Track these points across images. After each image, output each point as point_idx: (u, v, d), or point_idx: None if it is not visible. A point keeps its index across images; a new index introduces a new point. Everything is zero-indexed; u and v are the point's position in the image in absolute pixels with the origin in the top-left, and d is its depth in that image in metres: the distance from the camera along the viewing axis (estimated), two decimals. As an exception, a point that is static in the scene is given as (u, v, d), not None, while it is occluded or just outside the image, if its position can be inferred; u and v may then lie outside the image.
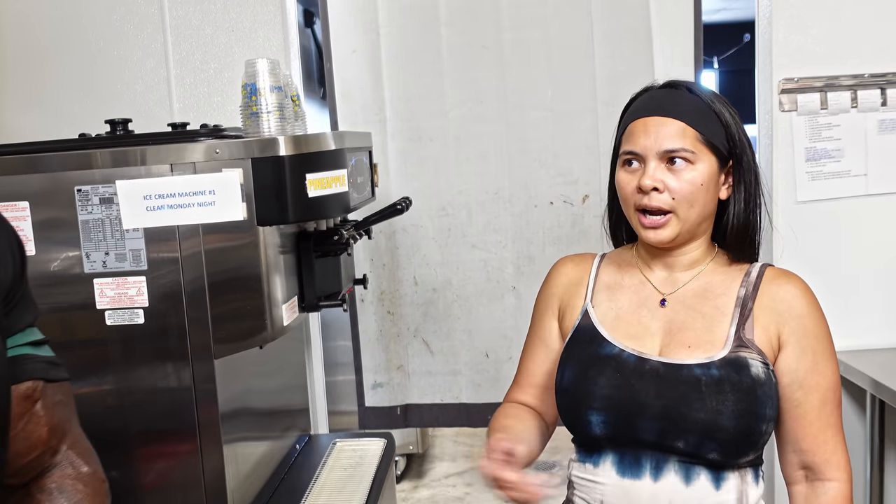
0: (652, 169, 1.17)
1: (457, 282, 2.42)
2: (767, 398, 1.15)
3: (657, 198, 1.17)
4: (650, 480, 1.17)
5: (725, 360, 1.16)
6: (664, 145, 1.17)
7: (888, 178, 2.16)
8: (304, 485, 1.84)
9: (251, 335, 1.51)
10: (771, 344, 1.18)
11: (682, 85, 1.24)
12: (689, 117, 1.18)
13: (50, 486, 0.91)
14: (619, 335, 1.23)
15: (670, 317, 1.22)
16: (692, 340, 1.19)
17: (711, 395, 1.13)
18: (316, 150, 1.52)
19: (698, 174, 1.18)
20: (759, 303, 1.19)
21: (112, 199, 1.46)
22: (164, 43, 2.15)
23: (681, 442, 1.15)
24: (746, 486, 1.18)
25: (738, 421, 1.12)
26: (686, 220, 1.19)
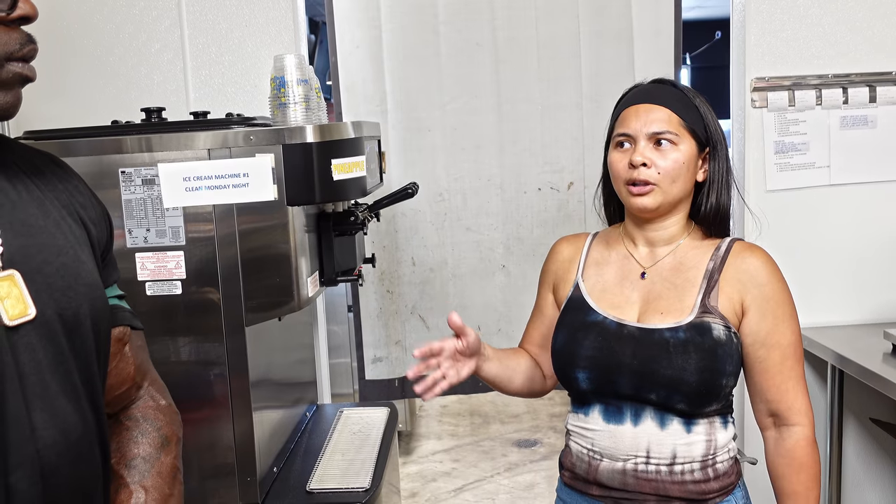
0: (641, 147, 1.35)
1: (452, 262, 2.58)
2: (727, 356, 1.32)
3: (645, 172, 1.34)
4: (631, 426, 1.35)
5: (691, 324, 1.32)
6: (652, 128, 1.35)
7: (849, 170, 2.35)
8: (317, 447, 2.00)
9: (280, 305, 1.66)
10: (734, 310, 1.34)
11: (668, 81, 1.43)
12: (674, 105, 1.37)
13: (136, 415, 1.06)
14: (604, 305, 1.41)
15: (648, 288, 1.40)
16: (665, 308, 1.36)
17: (678, 355, 1.30)
18: (339, 137, 1.67)
19: (681, 154, 1.35)
20: (724, 274, 1.36)
21: (154, 180, 1.60)
22: (181, 36, 2.28)
23: (653, 394, 1.33)
24: (715, 431, 1.36)
25: (700, 376, 1.30)
26: (668, 194, 1.36)
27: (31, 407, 0.84)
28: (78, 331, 0.91)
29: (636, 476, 1.35)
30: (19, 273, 0.85)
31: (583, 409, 1.42)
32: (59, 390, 0.87)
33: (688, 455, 1.34)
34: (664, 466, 1.34)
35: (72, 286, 0.90)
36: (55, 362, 0.87)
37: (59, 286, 0.89)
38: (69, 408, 0.88)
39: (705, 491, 1.35)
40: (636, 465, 1.35)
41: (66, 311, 0.89)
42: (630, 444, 1.35)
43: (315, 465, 1.88)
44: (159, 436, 1.05)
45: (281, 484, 1.80)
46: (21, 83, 0.86)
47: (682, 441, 1.34)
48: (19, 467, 0.82)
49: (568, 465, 1.47)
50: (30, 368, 0.84)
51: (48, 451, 0.85)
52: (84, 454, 0.90)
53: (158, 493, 1.00)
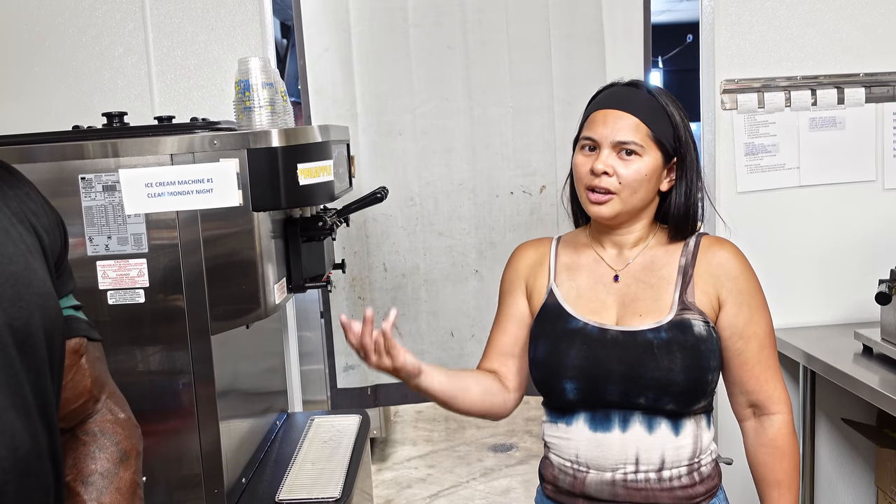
0: (605, 155, 1.32)
1: (424, 267, 2.56)
2: (710, 352, 1.31)
3: (606, 180, 1.32)
4: (619, 432, 1.32)
5: (672, 322, 1.31)
6: (618, 136, 1.32)
7: (818, 171, 2.36)
8: (287, 456, 1.97)
9: (246, 313, 1.63)
10: (711, 304, 1.34)
11: (643, 85, 1.39)
12: (644, 114, 1.33)
13: (93, 429, 1.03)
14: (582, 310, 1.38)
15: (623, 290, 1.38)
16: (643, 309, 1.34)
17: (663, 356, 1.29)
18: (305, 141, 1.64)
19: (644, 165, 1.32)
20: (697, 269, 1.35)
21: (115, 186, 1.56)
22: (145, 40, 2.24)
23: (642, 398, 1.31)
24: (701, 431, 1.35)
25: (687, 374, 1.29)
26: (627, 203, 1.34)
27: None
28: (29, 342, 0.87)
29: (626, 486, 1.32)
30: None
31: (564, 418, 1.38)
32: (7, 404, 0.84)
33: (676, 459, 1.33)
34: (653, 474, 1.32)
35: (22, 296, 0.87)
36: (5, 375, 0.83)
37: (8, 296, 0.85)
38: (18, 423, 0.85)
39: (692, 496, 1.34)
40: (625, 474, 1.33)
41: (16, 322, 0.85)
42: (618, 452, 1.33)
43: (285, 475, 1.84)
44: (118, 450, 1.02)
45: (250, 495, 1.77)
46: None
47: (670, 444, 1.32)
48: None
49: (549, 478, 1.43)
50: None
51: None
52: (33, 470, 0.87)
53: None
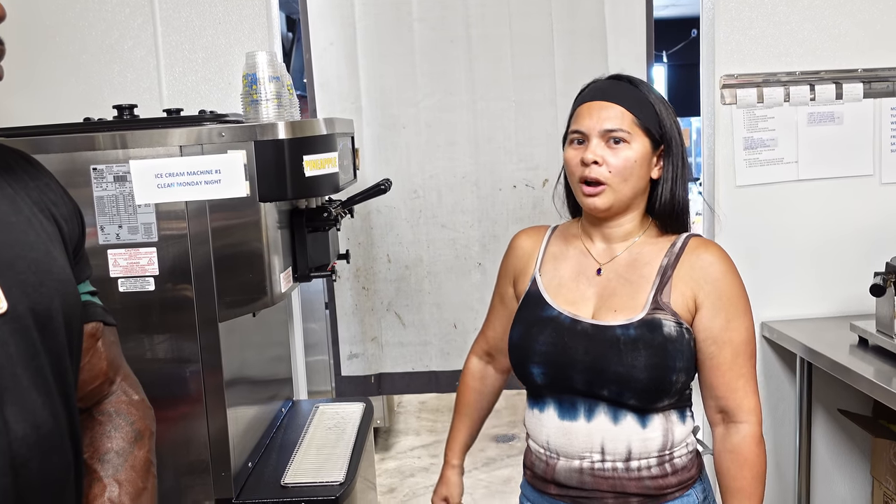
0: (594, 145, 1.34)
1: (427, 259, 2.60)
2: (678, 353, 1.32)
3: (596, 170, 1.34)
4: (584, 421, 1.35)
5: (642, 321, 1.33)
6: (605, 125, 1.34)
7: (816, 166, 2.39)
8: (293, 442, 2.01)
9: (253, 301, 1.67)
10: (687, 306, 1.35)
11: (625, 78, 1.41)
12: (628, 103, 1.36)
13: (109, 410, 1.07)
14: (560, 301, 1.41)
15: (604, 284, 1.40)
16: (618, 305, 1.36)
17: (627, 352, 1.31)
18: (310, 134, 1.68)
19: (633, 152, 1.35)
20: (678, 271, 1.36)
21: (126, 177, 1.61)
22: (153, 34, 2.28)
23: (605, 390, 1.33)
24: (672, 425, 1.37)
25: (649, 373, 1.30)
26: (619, 192, 1.36)
27: (2, 400, 0.84)
28: (50, 325, 0.91)
29: (593, 474, 1.35)
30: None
31: (538, 405, 1.43)
32: (30, 384, 0.88)
33: (643, 451, 1.35)
34: (620, 463, 1.35)
35: (43, 282, 0.91)
36: (27, 356, 0.88)
37: (30, 282, 0.89)
38: (40, 402, 0.89)
39: (663, 486, 1.36)
40: (592, 463, 1.35)
41: (37, 306, 0.89)
42: (584, 440, 1.36)
43: (290, 460, 1.89)
44: (132, 430, 1.06)
45: (256, 479, 1.81)
46: None
47: (636, 436, 1.34)
48: None
49: (528, 463, 1.48)
50: (1, 362, 0.85)
51: (19, 443, 0.86)
52: (55, 447, 0.91)
53: (132, 486, 1.01)
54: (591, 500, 1.37)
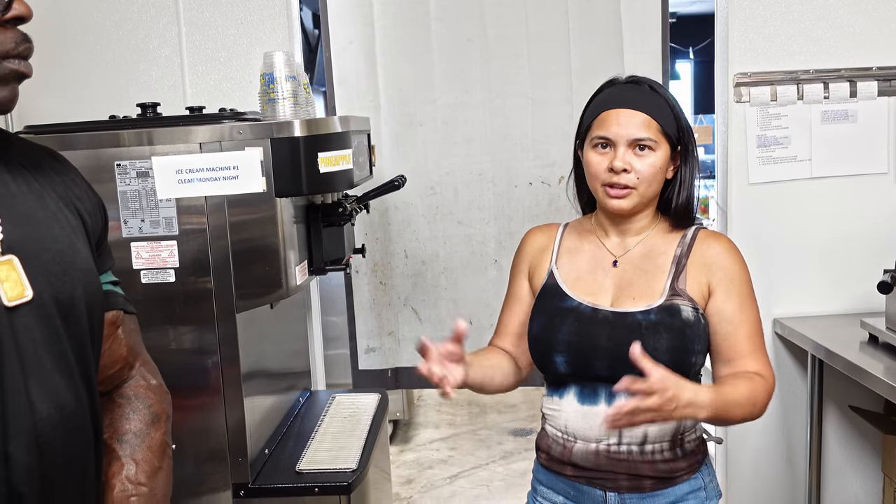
0: (622, 153, 1.40)
1: (444, 255, 2.64)
2: (696, 336, 1.39)
3: (625, 177, 1.40)
4: (605, 406, 1.40)
5: (661, 307, 1.39)
6: (633, 134, 1.40)
7: (829, 163, 2.40)
8: (309, 430, 2.07)
9: (269, 293, 1.73)
10: (702, 292, 1.41)
11: (644, 82, 1.46)
12: (653, 110, 1.41)
13: (128, 393, 1.14)
14: (579, 292, 1.46)
15: (620, 275, 1.46)
16: (637, 293, 1.42)
17: (649, 336, 1.37)
18: (325, 131, 1.73)
19: (657, 159, 1.41)
20: (691, 259, 1.43)
21: (148, 172, 1.67)
22: (178, 33, 2.35)
23: (628, 374, 1.38)
24: None
25: (671, 355, 1.36)
26: (643, 196, 1.42)
27: (28, 382, 0.91)
28: (72, 313, 0.97)
29: (608, 456, 1.41)
30: (18, 258, 0.92)
31: (558, 392, 1.48)
32: (54, 368, 0.94)
33: (658, 435, 1.40)
34: (635, 447, 1.41)
35: (67, 272, 0.97)
36: (51, 341, 0.94)
37: (54, 271, 0.96)
38: (63, 384, 0.95)
39: (674, 469, 1.42)
40: (608, 445, 1.41)
41: (61, 294, 0.96)
42: (603, 424, 1.41)
43: (305, 448, 1.95)
44: (150, 413, 1.12)
45: (272, 465, 1.87)
46: (17, 80, 0.93)
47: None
48: (16, 437, 0.89)
49: (544, 447, 1.53)
50: (27, 346, 0.91)
51: (43, 423, 0.92)
52: (77, 427, 0.97)
53: (148, 465, 1.07)
54: (606, 481, 1.42)
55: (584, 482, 1.45)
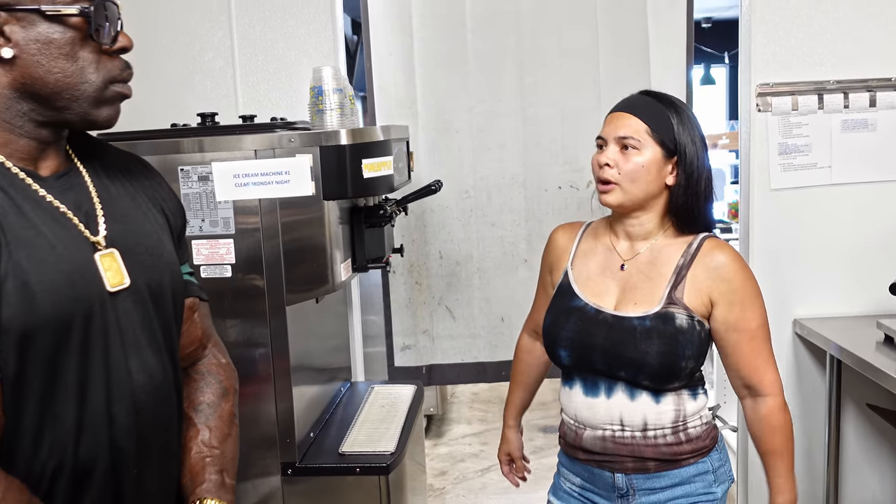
0: (609, 150, 1.52)
1: (477, 256, 2.78)
2: (688, 342, 1.49)
3: (608, 171, 1.52)
4: (605, 398, 1.54)
5: (657, 314, 1.50)
6: (618, 133, 1.51)
7: (849, 170, 2.48)
8: (350, 417, 2.22)
9: (316, 288, 1.88)
10: (702, 301, 1.51)
11: (652, 93, 1.57)
12: (644, 115, 1.51)
13: (202, 370, 1.29)
14: (588, 293, 1.59)
15: (626, 279, 1.57)
16: (638, 299, 1.54)
17: (642, 340, 1.49)
18: (369, 140, 1.88)
19: (642, 158, 1.50)
20: (692, 270, 1.52)
21: (208, 176, 1.83)
22: (231, 46, 2.51)
23: (622, 372, 1.52)
24: (683, 402, 1.54)
25: (660, 359, 1.48)
26: (628, 192, 1.51)
27: (127, 356, 1.07)
28: (161, 298, 1.14)
29: (614, 441, 1.54)
30: (118, 251, 1.08)
31: (567, 383, 1.63)
32: (146, 344, 1.10)
33: (658, 422, 1.53)
34: (638, 433, 1.53)
35: (157, 263, 1.14)
36: (144, 322, 1.10)
37: (147, 263, 1.12)
38: (154, 359, 1.11)
39: (677, 452, 1.54)
40: (613, 432, 1.54)
41: (152, 282, 1.12)
42: (605, 413, 1.54)
43: (347, 433, 2.10)
44: (220, 387, 1.28)
45: (317, 447, 2.02)
46: (120, 100, 1.09)
47: (651, 410, 1.52)
48: (119, 401, 1.05)
49: (562, 433, 1.67)
50: (126, 326, 1.07)
51: (139, 390, 1.08)
52: (164, 395, 1.13)
53: (219, 432, 1.23)
54: (614, 464, 1.56)
55: (594, 465, 1.59)
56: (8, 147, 1.02)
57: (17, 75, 1.00)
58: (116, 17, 1.07)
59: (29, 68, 1.00)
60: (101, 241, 1.06)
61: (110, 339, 1.05)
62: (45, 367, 0.98)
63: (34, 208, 1.00)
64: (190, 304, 1.26)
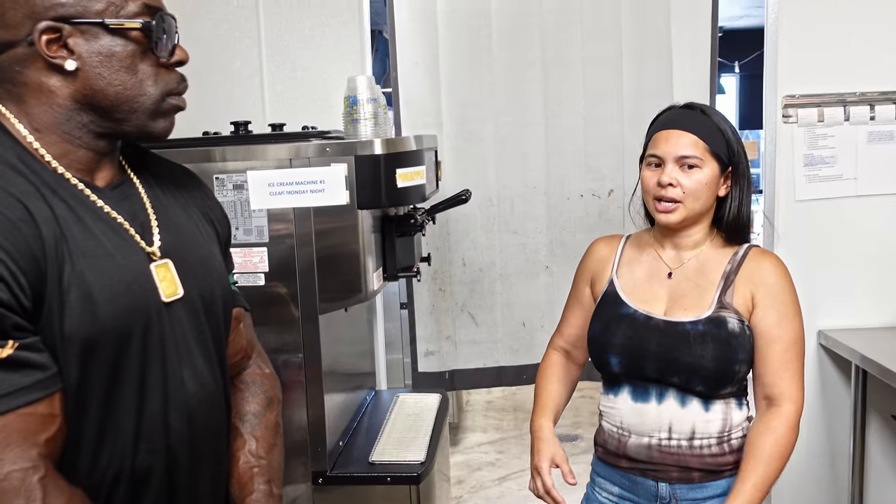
0: (669, 169, 1.54)
1: (499, 263, 2.79)
2: (740, 346, 1.50)
3: (672, 191, 1.53)
4: (655, 404, 1.55)
5: (709, 318, 1.52)
6: (680, 152, 1.53)
7: (875, 182, 2.49)
8: (377, 426, 2.22)
9: (349, 297, 1.89)
10: (747, 305, 1.53)
11: (698, 107, 1.59)
12: (701, 132, 1.54)
13: (247, 380, 1.30)
14: (635, 300, 1.60)
15: (674, 286, 1.59)
16: (688, 304, 1.55)
17: (696, 345, 1.50)
18: (402, 150, 1.89)
19: (703, 175, 1.53)
20: (740, 276, 1.54)
21: (243, 185, 1.84)
22: (259, 55, 2.53)
23: (675, 378, 1.52)
24: (731, 411, 1.55)
25: (716, 363, 1.49)
26: (691, 210, 1.55)
27: (182, 364, 1.08)
28: (212, 308, 1.15)
29: (660, 450, 1.54)
30: (172, 261, 1.09)
31: (613, 390, 1.62)
32: (199, 353, 1.11)
33: (705, 431, 1.53)
34: (685, 441, 1.53)
35: (209, 273, 1.15)
36: (196, 332, 1.11)
37: (199, 273, 1.13)
38: (205, 368, 1.12)
39: (721, 464, 1.54)
40: (660, 440, 1.54)
41: (204, 293, 1.13)
42: (654, 420, 1.55)
43: (376, 441, 2.10)
44: (265, 397, 1.29)
45: (346, 456, 2.03)
46: (175, 112, 1.10)
47: (700, 419, 1.53)
48: (175, 410, 1.06)
49: (601, 441, 1.67)
50: (180, 336, 1.08)
51: (193, 399, 1.09)
52: (215, 403, 1.14)
53: (266, 441, 1.24)
54: (658, 472, 1.56)
55: (637, 473, 1.58)
56: (66, 158, 1.03)
57: (79, 87, 1.01)
58: (174, 30, 1.08)
59: (91, 80, 1.01)
60: (156, 252, 1.07)
61: (167, 349, 1.06)
62: (106, 376, 0.99)
63: (93, 219, 1.02)
64: (236, 314, 1.27)
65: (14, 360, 0.90)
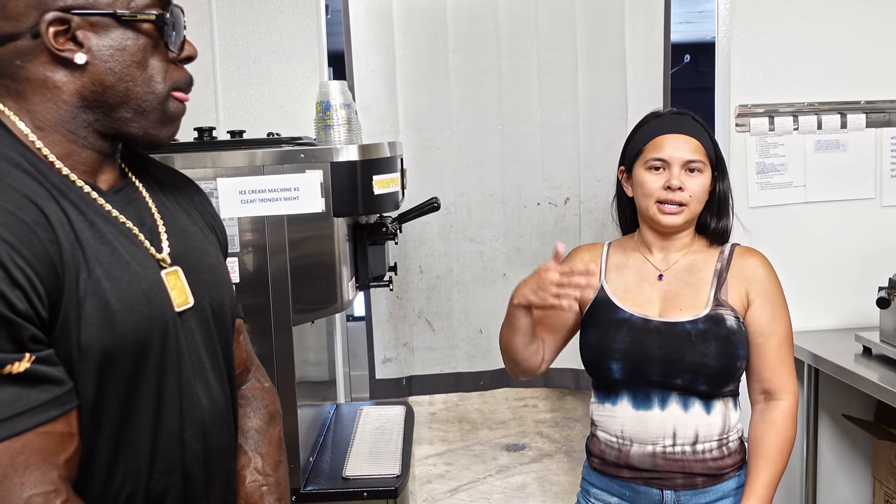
0: (676, 173, 1.56)
1: (456, 270, 2.77)
2: (739, 342, 1.54)
3: (680, 195, 1.55)
4: (658, 410, 1.54)
5: (707, 316, 1.54)
6: (687, 156, 1.56)
7: (822, 189, 2.59)
8: (345, 440, 2.17)
9: (324, 307, 1.83)
10: (742, 302, 1.57)
11: (687, 113, 1.63)
12: (701, 136, 1.59)
13: (247, 395, 1.23)
14: (628, 304, 1.60)
15: (666, 287, 1.60)
16: (683, 304, 1.57)
17: (699, 343, 1.51)
18: (378, 156, 1.85)
19: (704, 179, 1.58)
20: (731, 273, 1.58)
21: (213, 193, 1.76)
22: (212, 60, 2.44)
23: (679, 379, 1.52)
24: (728, 412, 1.57)
25: (719, 361, 1.51)
26: (694, 212, 1.59)
27: (195, 379, 1.01)
28: (222, 318, 1.08)
29: (665, 457, 1.54)
30: (181, 269, 1.02)
31: (610, 398, 1.60)
32: (210, 366, 1.05)
33: (707, 435, 1.54)
34: (688, 447, 1.54)
35: (218, 282, 1.08)
36: (207, 343, 1.04)
37: (209, 282, 1.06)
38: (216, 381, 1.06)
39: (722, 467, 1.55)
40: (664, 447, 1.54)
41: (214, 302, 1.07)
42: (658, 427, 1.54)
43: (346, 456, 2.04)
44: (267, 412, 1.23)
45: (317, 472, 1.96)
46: (179, 117, 1.04)
47: (703, 422, 1.54)
48: (190, 426, 1.00)
49: (597, 452, 1.64)
50: (191, 348, 1.01)
51: (206, 415, 1.02)
52: (225, 419, 1.08)
53: (272, 459, 1.18)
54: (663, 481, 1.55)
55: (640, 483, 1.57)
56: (71, 158, 0.96)
57: (87, 82, 0.94)
58: (182, 24, 1.02)
59: (100, 76, 0.95)
60: (165, 259, 1.01)
61: (182, 361, 0.99)
62: (123, 390, 0.92)
63: (104, 223, 0.95)
64: (237, 325, 1.21)
65: (31, 375, 0.82)
